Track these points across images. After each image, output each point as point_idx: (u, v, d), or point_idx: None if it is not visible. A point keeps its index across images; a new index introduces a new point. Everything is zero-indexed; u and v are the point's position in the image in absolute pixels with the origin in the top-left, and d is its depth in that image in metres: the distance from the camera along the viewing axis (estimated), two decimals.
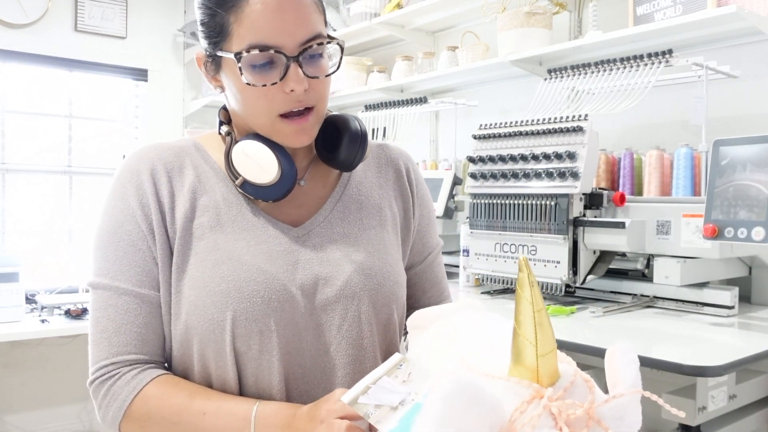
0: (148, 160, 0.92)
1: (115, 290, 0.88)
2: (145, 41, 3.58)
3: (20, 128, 3.34)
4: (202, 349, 0.88)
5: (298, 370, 0.89)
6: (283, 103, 0.86)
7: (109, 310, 0.88)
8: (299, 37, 0.84)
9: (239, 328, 0.86)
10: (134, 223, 0.89)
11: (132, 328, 0.88)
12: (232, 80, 0.88)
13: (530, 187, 1.91)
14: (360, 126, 0.97)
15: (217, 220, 0.90)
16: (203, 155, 0.95)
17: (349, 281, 0.91)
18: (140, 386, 0.86)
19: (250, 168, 0.89)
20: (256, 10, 0.82)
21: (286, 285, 0.88)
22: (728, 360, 1.27)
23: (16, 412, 3.23)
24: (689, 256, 1.71)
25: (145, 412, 0.85)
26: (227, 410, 0.83)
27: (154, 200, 0.90)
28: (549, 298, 2.05)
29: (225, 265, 0.87)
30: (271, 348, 0.87)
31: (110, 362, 0.87)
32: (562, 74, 2.13)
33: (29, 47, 3.24)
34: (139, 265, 0.89)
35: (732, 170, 1.53)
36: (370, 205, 1.00)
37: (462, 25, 3.04)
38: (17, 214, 3.33)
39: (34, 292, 3.06)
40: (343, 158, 0.95)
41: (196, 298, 0.87)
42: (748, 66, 2.05)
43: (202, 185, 0.92)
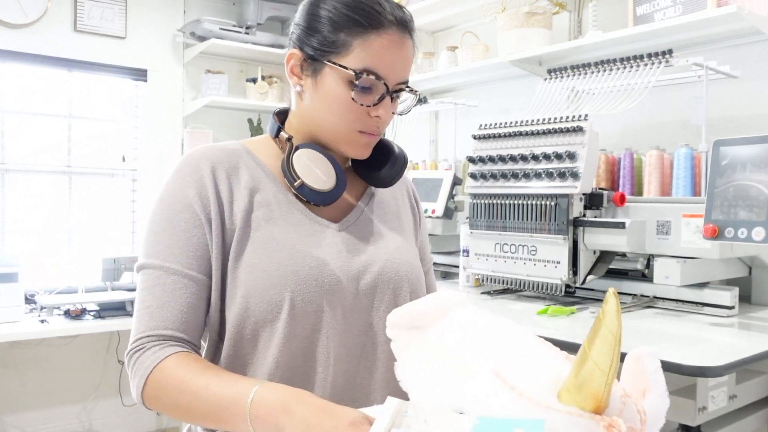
0: (208, 158, 1.01)
1: (165, 270, 0.95)
2: (144, 41, 3.58)
3: (20, 128, 3.34)
4: (256, 330, 0.96)
5: (342, 350, 0.98)
6: (365, 123, 1.01)
7: (156, 288, 0.95)
8: (400, 77, 1.01)
9: (296, 308, 0.95)
10: (191, 213, 0.98)
11: (176, 306, 0.95)
12: (329, 88, 0.99)
13: (530, 187, 1.91)
14: (403, 153, 1.13)
15: (270, 215, 1.01)
16: (254, 158, 1.05)
17: (384, 268, 1.04)
18: (162, 357, 0.91)
19: (311, 173, 1.01)
20: (382, 44, 0.97)
21: (335, 271, 0.99)
22: (728, 360, 1.27)
23: (15, 412, 3.23)
24: (689, 256, 1.71)
25: (160, 379, 0.91)
26: (230, 383, 0.87)
27: (213, 195, 0.99)
28: (549, 298, 2.05)
29: (281, 253, 0.97)
30: (321, 327, 0.97)
31: (147, 335, 0.94)
32: (562, 74, 2.13)
33: (29, 47, 3.24)
34: (191, 250, 0.97)
35: (732, 170, 1.53)
36: (391, 212, 1.15)
37: (462, 25, 3.04)
38: (17, 214, 3.32)
39: (33, 293, 3.06)
40: (383, 176, 1.11)
41: (254, 282, 0.95)
42: (748, 66, 2.05)
43: (255, 184, 1.02)
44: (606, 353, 0.64)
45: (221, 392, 0.86)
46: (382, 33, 0.97)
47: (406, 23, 1.00)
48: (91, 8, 3.39)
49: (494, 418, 0.67)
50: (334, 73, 0.98)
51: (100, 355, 3.42)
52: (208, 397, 0.86)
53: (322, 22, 0.99)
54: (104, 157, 3.55)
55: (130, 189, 3.63)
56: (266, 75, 3.79)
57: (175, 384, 0.90)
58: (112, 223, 3.58)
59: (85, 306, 2.93)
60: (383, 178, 1.10)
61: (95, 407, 3.44)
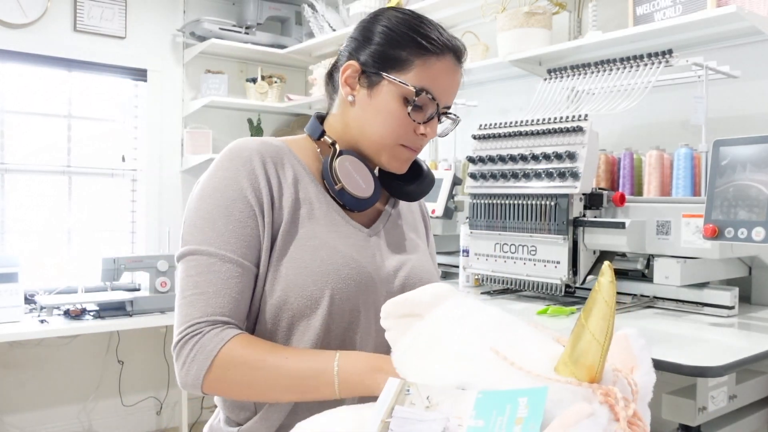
0: (258, 152, 1.03)
1: (220, 257, 0.96)
2: (144, 41, 3.58)
3: (19, 128, 3.33)
4: (292, 323, 0.99)
5: (371, 350, 1.02)
6: (411, 139, 1.06)
7: (211, 275, 0.96)
8: (448, 101, 1.07)
9: (334, 305, 0.99)
10: (246, 203, 0.99)
11: (230, 293, 0.96)
12: (383, 101, 1.04)
13: (530, 187, 1.91)
14: (431, 172, 1.20)
15: (312, 213, 1.04)
16: (295, 157, 1.08)
17: (411, 274, 1.10)
18: (227, 338, 0.92)
19: (351, 179, 1.06)
20: (441, 68, 1.04)
21: (371, 273, 1.04)
22: (728, 360, 1.27)
23: (15, 412, 3.23)
24: (689, 256, 1.71)
25: (229, 360, 0.91)
26: (309, 352, 0.93)
27: (266, 187, 1.01)
28: (549, 298, 2.05)
29: (323, 251, 1.01)
30: (355, 326, 1.01)
31: (204, 320, 0.94)
32: (562, 74, 2.13)
33: (28, 47, 3.24)
34: (246, 239, 0.98)
35: (732, 170, 1.53)
36: (409, 223, 1.21)
37: (462, 25, 3.04)
38: (16, 214, 3.32)
39: (33, 293, 3.06)
40: (410, 191, 1.16)
41: (295, 277, 0.98)
42: (748, 66, 2.05)
43: (299, 181, 1.06)
44: (602, 325, 0.66)
45: (302, 365, 0.90)
46: (441, 58, 1.03)
47: (461, 53, 1.07)
48: (91, 8, 3.39)
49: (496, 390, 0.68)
50: (392, 87, 1.03)
51: (100, 355, 3.42)
52: (288, 370, 0.90)
53: (384, 39, 1.04)
54: (104, 157, 3.55)
55: (129, 189, 3.63)
56: (266, 75, 3.79)
57: (250, 362, 0.91)
58: (112, 223, 3.58)
59: (85, 306, 2.93)
60: (410, 192, 1.16)
61: (95, 407, 3.44)
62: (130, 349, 3.47)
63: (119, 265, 2.99)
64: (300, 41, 3.73)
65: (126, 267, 3.01)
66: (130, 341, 3.45)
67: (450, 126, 1.16)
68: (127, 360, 3.46)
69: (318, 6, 3.45)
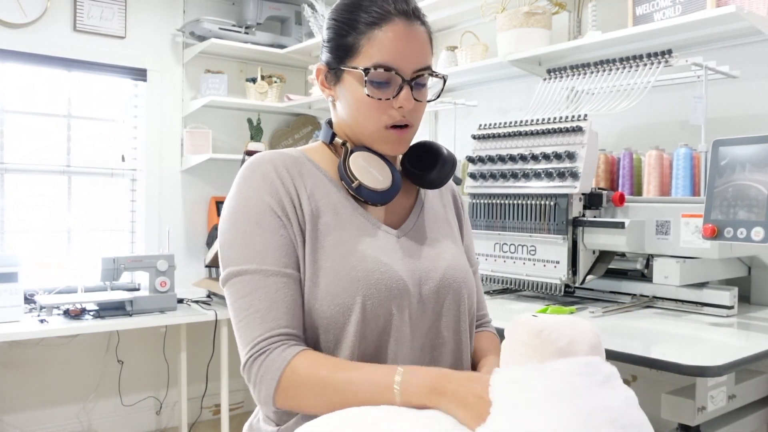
0: (273, 164, 1.04)
1: (263, 273, 0.98)
2: (144, 41, 3.57)
3: (19, 128, 3.33)
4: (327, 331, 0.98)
5: (409, 352, 1.02)
6: (391, 116, 1.03)
7: (259, 292, 0.97)
8: (415, 65, 1.02)
9: (367, 311, 0.98)
10: (273, 215, 1.01)
11: (282, 305, 0.97)
12: (350, 91, 1.03)
13: (530, 187, 1.91)
14: (451, 154, 1.15)
15: (337, 220, 1.04)
16: (314, 165, 1.08)
17: (445, 275, 1.07)
18: (290, 357, 0.94)
19: (367, 174, 1.04)
20: (387, 36, 1.00)
21: (402, 276, 1.02)
22: (728, 360, 1.27)
23: (14, 412, 3.23)
24: (689, 256, 1.71)
25: (295, 380, 0.93)
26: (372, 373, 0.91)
27: (286, 196, 1.02)
28: (548, 298, 2.05)
29: (352, 257, 1.00)
30: (390, 330, 1.00)
31: (264, 338, 0.95)
32: (562, 74, 2.13)
33: (28, 47, 3.24)
34: (282, 248, 0.99)
35: (731, 170, 1.53)
36: (441, 218, 1.18)
37: (461, 25, 3.04)
38: (16, 214, 3.32)
39: (33, 292, 3.06)
40: (434, 178, 1.13)
41: (326, 286, 0.98)
42: (747, 66, 2.05)
43: (318, 189, 1.05)
44: None
45: (365, 384, 0.90)
46: (385, 26, 1.00)
47: (409, 12, 1.02)
48: (91, 8, 3.39)
49: None
50: (351, 76, 1.03)
51: (100, 355, 3.42)
52: (354, 390, 0.90)
53: (334, 32, 1.05)
54: (104, 157, 3.55)
55: (129, 189, 3.63)
56: (266, 75, 3.79)
57: (315, 381, 0.92)
58: (112, 222, 3.58)
59: (85, 306, 2.93)
60: (433, 180, 1.13)
61: (95, 407, 3.44)
62: (130, 349, 3.47)
63: (119, 264, 2.98)
64: (300, 41, 3.73)
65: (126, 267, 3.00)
66: (129, 341, 3.45)
67: (436, 85, 1.12)
68: (127, 360, 3.46)
69: (318, 6, 3.45)
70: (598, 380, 0.76)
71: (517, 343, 0.83)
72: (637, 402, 0.77)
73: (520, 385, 0.78)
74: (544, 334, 0.81)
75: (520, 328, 0.83)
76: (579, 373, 0.76)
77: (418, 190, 1.18)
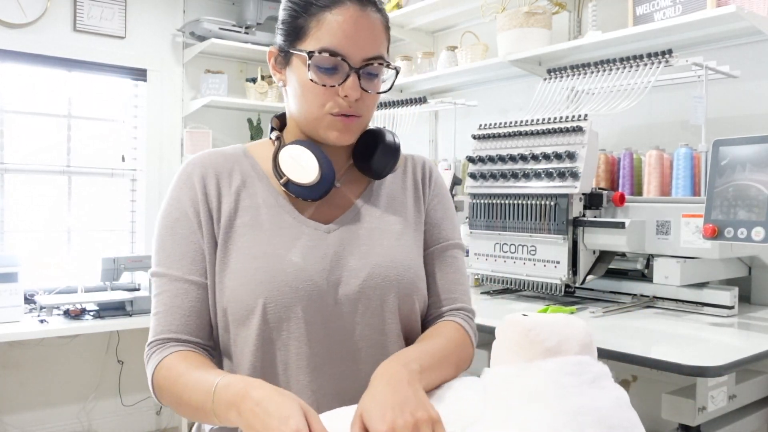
0: (200, 165, 1.04)
1: (168, 277, 1.00)
2: (144, 41, 3.57)
3: (19, 128, 3.33)
4: (236, 334, 0.99)
5: (326, 354, 0.98)
6: (336, 105, 0.98)
7: (163, 295, 1.00)
8: (365, 53, 0.97)
9: (269, 314, 0.95)
10: (187, 220, 1.01)
11: (178, 311, 0.99)
12: (297, 75, 0.99)
13: (530, 187, 1.91)
14: (395, 140, 1.09)
15: (256, 220, 1.01)
16: (251, 161, 1.06)
17: (371, 273, 1.01)
18: (161, 358, 0.96)
19: (294, 169, 1.00)
20: (337, 20, 0.95)
21: (314, 276, 0.98)
22: (728, 360, 1.27)
23: (14, 412, 3.23)
24: (689, 256, 1.71)
25: (159, 381, 0.96)
26: (200, 382, 0.90)
27: (203, 200, 1.02)
28: (549, 298, 2.05)
29: (261, 259, 0.97)
30: (300, 334, 0.96)
31: (154, 339, 0.99)
32: (562, 74, 2.13)
33: (28, 47, 3.24)
34: (189, 255, 1.00)
35: (732, 170, 1.53)
36: (396, 205, 1.10)
37: (461, 25, 3.04)
38: (16, 214, 3.32)
39: (33, 292, 3.06)
40: (375, 167, 1.07)
41: (234, 288, 0.97)
42: (747, 66, 2.05)
43: (246, 188, 1.03)
44: None
45: (193, 391, 0.90)
46: (335, 10, 0.95)
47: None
48: (91, 8, 3.38)
49: None
50: (298, 59, 0.99)
51: (100, 355, 3.42)
52: (190, 394, 0.90)
53: (288, 13, 1.00)
54: (104, 157, 3.55)
55: (129, 189, 3.63)
56: (266, 75, 3.79)
57: (170, 383, 0.94)
58: (112, 223, 3.58)
59: (85, 306, 2.93)
60: (375, 168, 1.08)
61: (95, 407, 3.44)
62: (130, 349, 3.47)
63: (119, 264, 2.98)
64: None
65: (126, 267, 3.00)
66: (129, 341, 3.45)
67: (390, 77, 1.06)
68: (127, 360, 3.46)
69: None
70: (586, 380, 0.76)
71: (507, 343, 0.82)
72: (627, 402, 0.76)
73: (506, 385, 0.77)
74: (532, 333, 0.80)
75: (510, 328, 0.82)
76: (567, 373, 0.76)
77: (369, 180, 1.11)
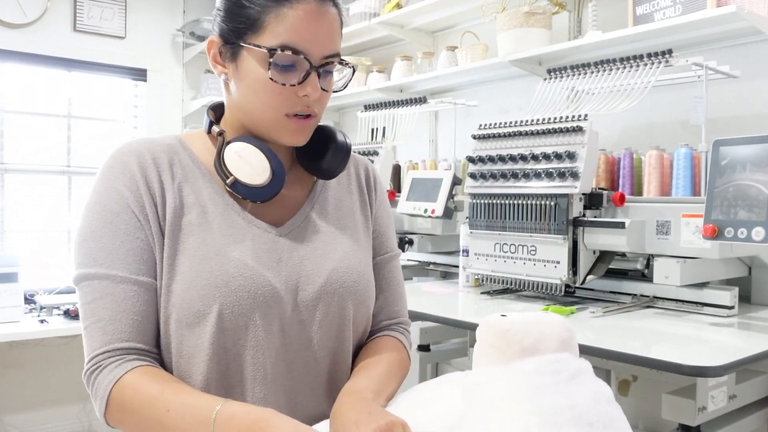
0: (136, 153, 0.93)
1: (112, 279, 0.88)
2: (144, 41, 3.58)
3: (19, 128, 3.34)
4: (179, 344, 0.89)
5: (282, 365, 0.92)
6: (294, 104, 0.92)
7: (105, 300, 0.87)
8: (325, 51, 0.91)
9: (225, 321, 0.87)
10: (130, 213, 0.90)
11: (128, 316, 0.87)
12: (250, 71, 0.91)
13: (530, 187, 1.91)
14: (346, 140, 1.03)
15: (204, 218, 0.92)
16: (189, 154, 0.97)
17: (329, 279, 0.95)
18: (119, 375, 0.84)
19: (242, 169, 0.92)
20: (298, 15, 0.88)
21: (271, 281, 0.91)
22: (728, 360, 1.27)
23: (14, 412, 3.23)
24: (689, 256, 1.71)
25: (120, 402, 0.84)
26: (190, 407, 0.81)
27: (146, 192, 0.91)
28: (549, 298, 2.05)
29: (213, 261, 0.89)
30: (253, 342, 0.89)
31: (102, 351, 0.86)
32: (562, 74, 2.13)
33: (28, 47, 3.24)
34: (136, 253, 0.89)
35: (732, 170, 1.53)
36: (344, 209, 1.05)
37: (461, 25, 3.04)
38: (16, 214, 3.32)
39: (33, 292, 3.06)
40: (326, 167, 1.01)
41: (183, 292, 0.88)
42: (747, 66, 2.05)
43: (188, 183, 0.94)
44: None
45: (183, 418, 0.80)
46: (296, 4, 0.88)
47: None
48: (91, 8, 3.39)
49: None
50: (251, 54, 0.90)
51: None
52: (170, 424, 0.81)
53: (233, 2, 0.91)
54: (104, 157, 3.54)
55: None
56: None
57: (140, 404, 0.83)
58: None
59: None
60: (326, 169, 1.01)
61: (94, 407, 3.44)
62: None
63: None
64: None
65: None
66: None
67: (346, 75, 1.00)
68: None
69: None
70: (564, 377, 0.74)
71: (485, 345, 0.80)
72: (607, 395, 0.74)
73: (484, 389, 0.76)
74: (509, 334, 0.78)
75: (488, 330, 0.80)
76: (544, 372, 0.74)
77: (315, 180, 1.05)
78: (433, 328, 2.38)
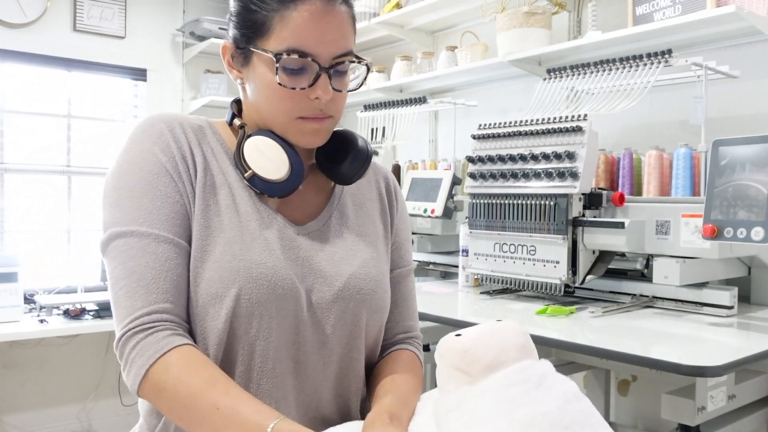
0: (168, 122, 0.92)
1: (154, 237, 0.85)
2: (144, 41, 3.58)
3: (19, 128, 3.34)
4: (193, 323, 0.87)
5: (290, 362, 0.91)
6: (306, 107, 0.91)
7: (147, 258, 0.84)
8: (334, 51, 0.89)
9: (241, 307, 0.86)
10: (168, 176, 0.89)
11: (172, 277, 0.85)
12: (260, 76, 0.91)
13: (529, 187, 1.91)
14: (367, 146, 1.01)
15: (232, 200, 0.92)
16: (218, 138, 0.97)
17: (347, 284, 0.94)
18: (167, 348, 0.81)
19: (261, 163, 0.92)
20: (303, 17, 0.86)
21: (292, 277, 0.90)
22: (727, 360, 1.27)
23: (14, 412, 3.23)
24: (688, 256, 1.71)
25: (163, 380, 0.80)
26: (242, 416, 0.77)
27: (181, 159, 0.90)
28: (548, 298, 2.05)
29: (238, 244, 0.88)
30: (270, 335, 0.88)
31: (147, 312, 0.83)
32: (562, 74, 2.13)
33: (28, 47, 3.24)
34: (177, 216, 0.88)
35: (731, 170, 1.53)
36: (364, 216, 1.04)
37: (461, 25, 3.04)
38: (16, 214, 3.32)
39: (32, 292, 3.06)
40: (345, 172, 0.99)
41: (202, 270, 0.87)
42: (747, 66, 2.05)
43: (218, 164, 0.94)
44: None
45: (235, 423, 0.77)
46: (300, 6, 0.86)
47: None
48: (91, 8, 3.39)
49: None
50: (260, 59, 0.90)
51: (100, 355, 3.42)
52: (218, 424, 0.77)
53: (241, 4, 0.91)
54: (104, 157, 3.55)
55: None
56: None
57: (183, 391, 0.79)
58: None
59: (85, 306, 2.93)
60: (344, 174, 1.00)
61: (94, 407, 3.44)
62: None
63: None
64: None
65: None
66: None
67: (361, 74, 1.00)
68: None
69: None
70: (532, 385, 0.74)
71: (447, 369, 0.79)
72: (575, 392, 0.74)
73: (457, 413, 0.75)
74: (469, 353, 0.76)
75: (447, 353, 0.79)
76: (511, 384, 0.74)
77: (334, 185, 1.04)
78: (433, 327, 2.38)
